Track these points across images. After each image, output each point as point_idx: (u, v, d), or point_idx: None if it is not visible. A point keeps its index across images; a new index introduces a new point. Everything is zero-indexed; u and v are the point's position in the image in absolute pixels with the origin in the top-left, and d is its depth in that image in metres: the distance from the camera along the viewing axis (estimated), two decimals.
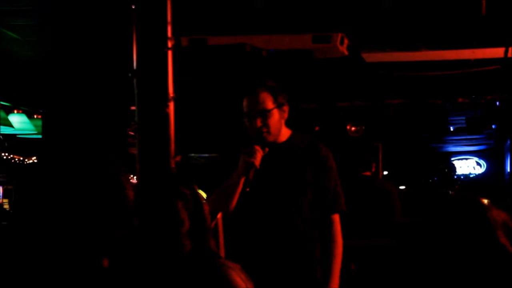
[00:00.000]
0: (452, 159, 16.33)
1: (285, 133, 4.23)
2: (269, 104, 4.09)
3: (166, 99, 3.60)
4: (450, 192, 14.19)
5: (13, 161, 10.36)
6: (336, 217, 4.25)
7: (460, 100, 10.82)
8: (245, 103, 4.09)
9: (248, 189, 3.95)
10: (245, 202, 4.01)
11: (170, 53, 3.65)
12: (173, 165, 3.59)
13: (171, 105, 3.62)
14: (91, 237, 2.15)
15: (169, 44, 3.64)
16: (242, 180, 3.97)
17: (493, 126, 12.37)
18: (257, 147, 3.99)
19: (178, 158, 3.89)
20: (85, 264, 2.16)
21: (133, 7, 3.74)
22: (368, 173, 7.81)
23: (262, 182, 4.02)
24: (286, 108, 4.21)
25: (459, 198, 2.42)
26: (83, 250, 2.15)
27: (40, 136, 8.37)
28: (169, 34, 3.65)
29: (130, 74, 3.64)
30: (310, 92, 10.12)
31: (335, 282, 4.14)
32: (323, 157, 4.21)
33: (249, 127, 4.10)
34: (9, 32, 7.50)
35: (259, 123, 4.05)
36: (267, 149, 4.05)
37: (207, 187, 4.38)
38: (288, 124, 4.28)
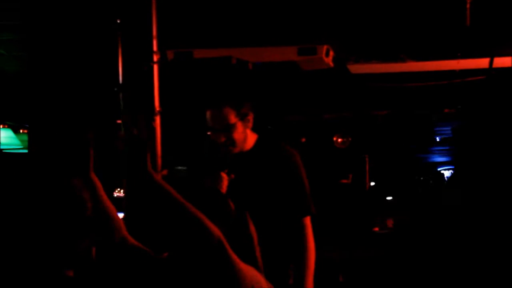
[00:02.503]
0: (439, 169, 16.37)
1: (251, 140, 4.20)
2: (232, 118, 4.04)
3: (152, 112, 3.59)
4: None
5: None
6: (307, 221, 4.18)
7: (446, 110, 10.86)
8: (208, 117, 4.06)
9: None
10: None
11: (156, 67, 3.64)
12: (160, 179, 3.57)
13: (158, 119, 3.62)
14: (54, 248, 2.17)
15: (155, 58, 3.64)
16: None
17: None
18: (223, 174, 3.97)
19: (164, 172, 3.88)
20: (47, 275, 2.17)
21: (118, 21, 3.73)
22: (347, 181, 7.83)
23: (232, 194, 3.98)
24: (250, 117, 4.15)
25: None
26: (45, 261, 2.17)
27: (26, 151, 8.34)
28: (155, 48, 3.65)
29: (116, 88, 3.63)
30: (296, 104, 10.14)
31: (309, 286, 4.11)
32: (290, 162, 4.17)
33: (214, 139, 4.09)
34: None
35: (223, 138, 4.04)
36: (232, 176, 4.02)
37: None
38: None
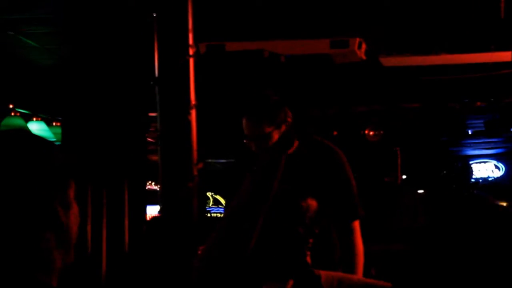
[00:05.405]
0: (471, 162, 16.26)
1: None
2: (266, 128, 3.82)
3: (188, 106, 3.59)
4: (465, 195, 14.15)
5: None
6: (356, 224, 3.98)
7: (478, 103, 10.79)
8: (243, 123, 3.88)
9: None
10: None
11: (191, 60, 3.64)
12: (195, 173, 3.58)
13: (193, 112, 3.61)
14: None
15: (191, 52, 3.64)
16: None
17: None
18: None
19: (200, 165, 3.88)
20: None
21: (154, 15, 3.73)
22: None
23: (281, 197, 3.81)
24: (288, 123, 3.89)
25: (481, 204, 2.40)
26: None
27: (59, 143, 8.40)
28: (191, 41, 3.65)
29: (152, 82, 3.64)
30: (328, 97, 10.11)
31: None
32: (336, 163, 3.98)
33: (250, 147, 3.90)
34: (28, 40, 7.54)
35: (257, 146, 3.84)
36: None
37: (225, 193, 4.36)
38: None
